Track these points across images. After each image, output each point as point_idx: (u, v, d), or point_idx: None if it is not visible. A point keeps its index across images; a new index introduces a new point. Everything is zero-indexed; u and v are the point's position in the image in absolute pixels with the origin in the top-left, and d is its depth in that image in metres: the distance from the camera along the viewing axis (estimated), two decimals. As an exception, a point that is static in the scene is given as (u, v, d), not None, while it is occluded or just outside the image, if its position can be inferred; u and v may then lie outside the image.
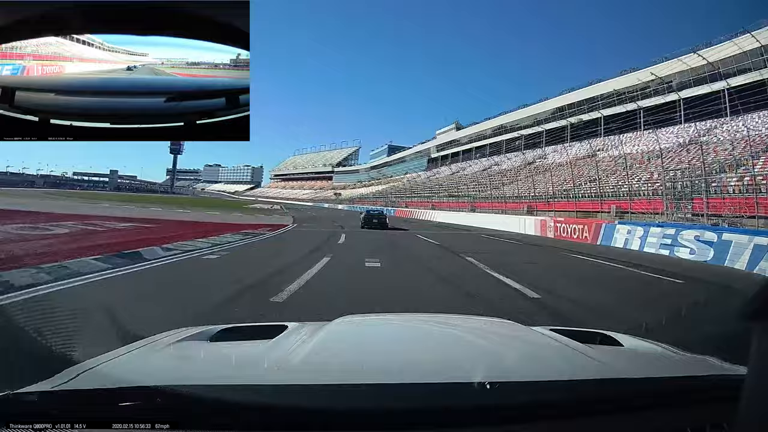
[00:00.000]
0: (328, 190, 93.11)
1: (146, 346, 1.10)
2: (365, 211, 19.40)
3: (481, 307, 4.15)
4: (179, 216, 18.10)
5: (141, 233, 9.45)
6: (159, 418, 0.65)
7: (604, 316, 4.11)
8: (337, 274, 5.94)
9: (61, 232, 8.46)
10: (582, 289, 5.59)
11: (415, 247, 10.53)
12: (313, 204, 74.03)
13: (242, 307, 3.65)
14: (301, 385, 0.75)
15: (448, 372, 0.89)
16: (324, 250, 8.41)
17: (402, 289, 5.11)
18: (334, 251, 8.47)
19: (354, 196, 68.62)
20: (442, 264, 7.67)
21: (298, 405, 0.69)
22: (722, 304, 5.28)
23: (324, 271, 5.92)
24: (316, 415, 0.67)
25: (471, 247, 10.80)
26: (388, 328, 1.50)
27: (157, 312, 3.31)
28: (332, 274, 5.86)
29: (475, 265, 7.25)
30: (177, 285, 4.71)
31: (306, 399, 0.70)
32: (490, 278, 5.96)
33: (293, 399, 0.70)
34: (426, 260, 8.00)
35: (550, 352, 1.10)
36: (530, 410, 0.73)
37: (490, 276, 6.14)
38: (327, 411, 0.68)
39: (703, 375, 0.99)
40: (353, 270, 6.35)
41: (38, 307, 3.34)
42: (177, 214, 19.95)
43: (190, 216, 18.58)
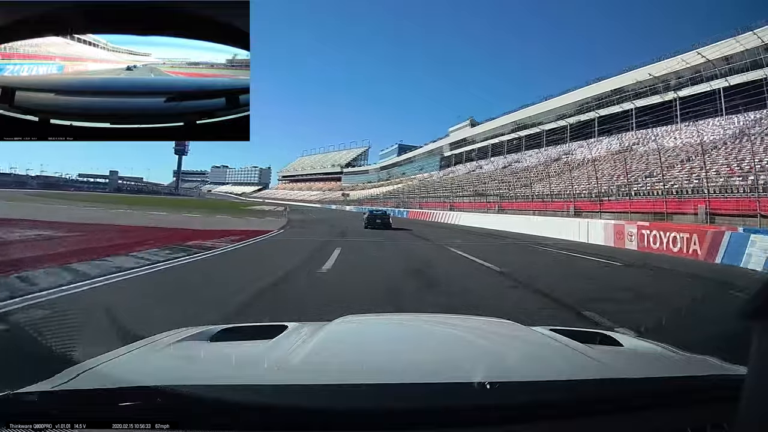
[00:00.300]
0: (337, 191, 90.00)
1: (146, 346, 1.10)
2: (368, 212, 18.94)
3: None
4: (147, 220, 14.91)
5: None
6: (159, 418, 0.65)
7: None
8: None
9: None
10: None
11: (472, 287, 5.33)
12: (321, 206, 71.99)
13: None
14: (301, 385, 0.75)
15: (448, 372, 0.89)
16: (277, 299, 4.18)
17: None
18: (302, 303, 4.07)
19: (363, 197, 65.36)
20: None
21: (298, 405, 0.69)
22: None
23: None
24: (316, 415, 0.67)
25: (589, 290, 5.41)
26: (388, 328, 1.50)
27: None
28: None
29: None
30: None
31: (306, 399, 0.70)
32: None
33: (293, 399, 0.70)
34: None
35: (550, 352, 1.10)
36: (530, 410, 0.73)
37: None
38: (327, 411, 0.68)
39: (703, 375, 0.99)
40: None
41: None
42: (148, 218, 16.61)
43: (160, 220, 15.55)
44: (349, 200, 69.41)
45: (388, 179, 75.64)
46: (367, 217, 17.86)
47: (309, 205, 73.00)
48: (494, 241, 13.89)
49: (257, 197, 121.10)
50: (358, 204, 58.07)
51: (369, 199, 58.95)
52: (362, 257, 8.14)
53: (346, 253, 8.14)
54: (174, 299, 4.12)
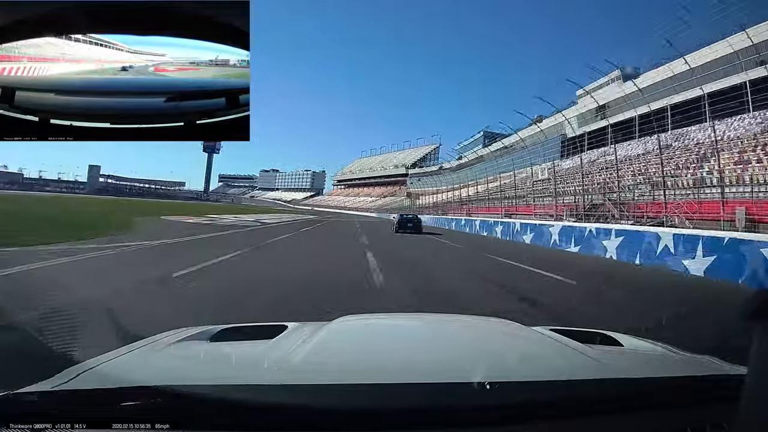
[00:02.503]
0: (401, 196, 75.80)
1: (146, 346, 1.10)
2: (399, 217, 20.63)
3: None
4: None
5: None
6: (159, 418, 0.65)
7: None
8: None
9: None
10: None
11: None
12: (378, 215, 60.38)
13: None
14: (302, 385, 0.75)
15: (447, 372, 0.89)
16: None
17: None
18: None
19: (434, 203, 49.01)
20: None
21: (299, 405, 0.69)
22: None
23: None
24: (316, 415, 0.67)
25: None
26: (388, 328, 1.50)
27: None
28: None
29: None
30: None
31: (306, 399, 0.70)
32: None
33: (293, 399, 0.70)
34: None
35: (550, 352, 1.10)
36: (530, 410, 0.73)
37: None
38: (327, 411, 0.68)
39: (703, 375, 1.00)
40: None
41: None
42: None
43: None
44: (419, 206, 53.34)
45: (464, 181, 42.76)
46: (397, 221, 19.87)
47: (363, 214, 64.86)
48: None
49: (306, 205, 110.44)
50: (433, 210, 44.41)
51: (441, 204, 45.03)
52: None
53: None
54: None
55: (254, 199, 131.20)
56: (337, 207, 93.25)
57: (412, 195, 67.22)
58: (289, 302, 4.29)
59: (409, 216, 20.49)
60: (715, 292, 6.66)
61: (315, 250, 10.93)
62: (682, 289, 6.95)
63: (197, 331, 1.27)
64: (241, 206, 66.09)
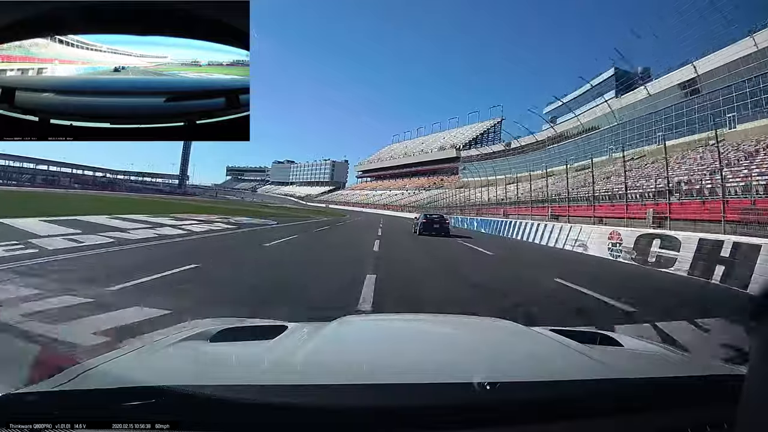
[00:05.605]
0: (449, 188, 51.75)
1: (146, 346, 1.10)
2: (423, 217, 18.17)
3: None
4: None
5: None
6: (159, 418, 0.65)
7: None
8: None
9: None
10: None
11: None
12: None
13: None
14: (302, 385, 0.75)
15: (448, 372, 0.89)
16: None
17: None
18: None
19: (506, 200, 28.47)
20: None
21: (299, 405, 0.69)
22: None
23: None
24: (316, 415, 0.67)
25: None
26: (388, 329, 1.50)
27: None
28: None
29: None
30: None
31: (306, 399, 0.70)
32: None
33: (293, 399, 0.70)
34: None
35: (550, 352, 1.10)
36: (530, 410, 0.73)
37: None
38: (327, 411, 0.68)
39: (703, 375, 1.00)
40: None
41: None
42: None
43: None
44: (478, 203, 34.98)
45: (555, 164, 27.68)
46: (421, 223, 17.52)
47: (398, 215, 47.55)
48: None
49: (320, 202, 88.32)
50: (503, 210, 27.30)
51: (517, 205, 26.32)
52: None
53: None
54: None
55: (256, 194, 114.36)
56: (358, 203, 74.49)
57: (467, 184, 45.07)
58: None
59: (434, 216, 18.49)
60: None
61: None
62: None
63: (197, 331, 1.27)
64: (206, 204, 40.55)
